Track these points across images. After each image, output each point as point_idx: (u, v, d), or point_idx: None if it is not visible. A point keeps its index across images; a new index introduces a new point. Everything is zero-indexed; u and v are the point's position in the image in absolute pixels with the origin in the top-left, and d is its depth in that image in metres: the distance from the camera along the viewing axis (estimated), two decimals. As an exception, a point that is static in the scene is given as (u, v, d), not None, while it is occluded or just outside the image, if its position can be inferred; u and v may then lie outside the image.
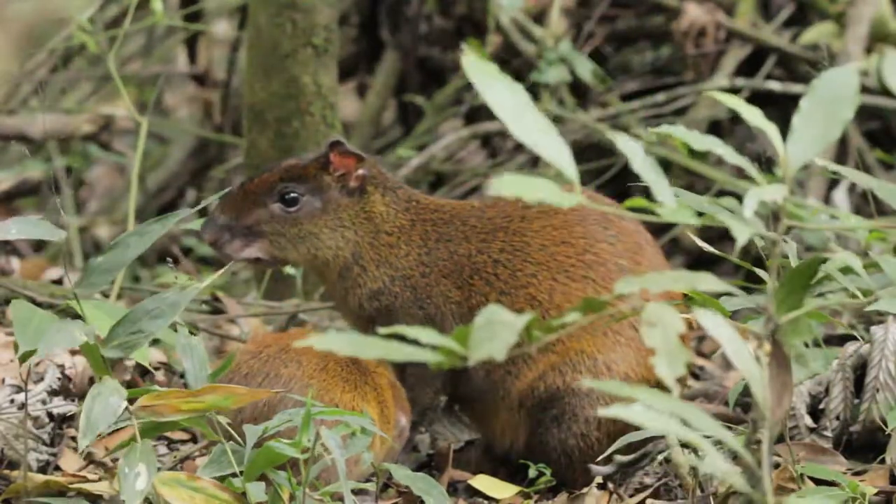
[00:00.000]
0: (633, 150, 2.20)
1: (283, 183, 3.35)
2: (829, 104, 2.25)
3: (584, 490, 3.20)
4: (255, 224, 3.34)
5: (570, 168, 2.12)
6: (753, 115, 2.29)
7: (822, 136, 2.24)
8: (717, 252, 2.93)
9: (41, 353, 2.63)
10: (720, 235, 3.42)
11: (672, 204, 2.17)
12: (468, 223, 3.42)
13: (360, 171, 3.37)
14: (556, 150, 2.14)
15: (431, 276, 3.38)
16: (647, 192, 2.24)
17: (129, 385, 3.48)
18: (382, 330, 2.12)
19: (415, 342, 2.03)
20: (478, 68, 2.11)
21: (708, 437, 2.03)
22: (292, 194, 3.35)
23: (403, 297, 3.38)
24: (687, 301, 2.71)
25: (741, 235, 2.16)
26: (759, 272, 2.78)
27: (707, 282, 2.12)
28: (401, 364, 3.28)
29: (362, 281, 3.38)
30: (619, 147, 2.21)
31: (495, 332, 2.00)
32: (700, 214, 2.32)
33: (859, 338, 3.40)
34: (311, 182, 3.35)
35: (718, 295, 2.71)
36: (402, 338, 2.08)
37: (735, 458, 2.10)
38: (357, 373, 3.16)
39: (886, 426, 3.20)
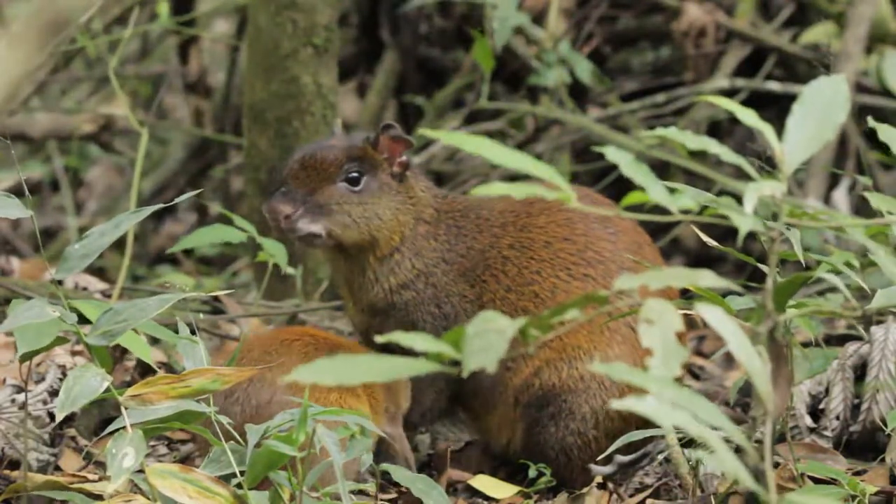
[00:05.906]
0: (621, 157, 2.20)
1: (350, 162, 3.32)
2: (821, 108, 2.27)
3: (584, 490, 3.20)
4: (327, 201, 3.30)
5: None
6: (748, 116, 2.29)
7: (816, 138, 2.25)
8: (719, 246, 2.93)
9: (7, 327, 2.64)
10: (719, 237, 3.42)
11: (667, 199, 2.17)
12: (481, 215, 3.41)
13: (403, 157, 3.37)
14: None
15: (451, 275, 3.37)
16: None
17: (129, 384, 3.48)
18: (379, 338, 2.10)
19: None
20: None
21: (715, 429, 2.02)
22: (355, 173, 3.32)
23: (425, 295, 3.36)
24: (688, 299, 2.71)
25: (743, 225, 2.16)
26: (762, 267, 2.78)
27: (706, 278, 2.12)
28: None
29: (398, 270, 3.35)
30: (607, 157, 2.21)
31: (489, 341, 1.99)
32: (699, 213, 2.33)
33: (863, 333, 3.40)
34: (367, 162, 3.33)
35: (723, 294, 2.71)
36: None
37: (737, 452, 2.09)
38: None
39: (886, 426, 3.21)
